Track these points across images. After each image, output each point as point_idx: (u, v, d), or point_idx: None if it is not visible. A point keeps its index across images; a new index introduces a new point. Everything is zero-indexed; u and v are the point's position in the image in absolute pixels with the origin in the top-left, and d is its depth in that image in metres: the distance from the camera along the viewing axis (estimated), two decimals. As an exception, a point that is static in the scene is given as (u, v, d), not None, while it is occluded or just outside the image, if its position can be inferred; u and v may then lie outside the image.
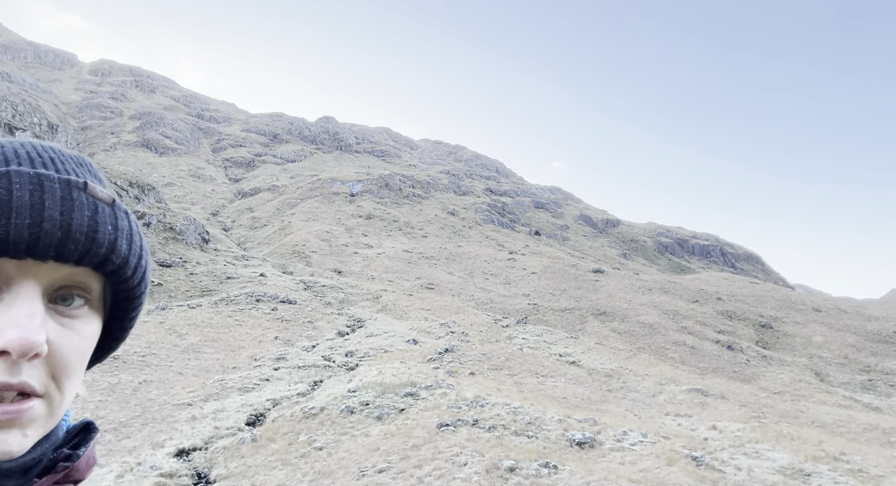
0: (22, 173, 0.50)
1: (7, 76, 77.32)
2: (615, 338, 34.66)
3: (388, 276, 43.80)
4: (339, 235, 54.00)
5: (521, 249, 61.50)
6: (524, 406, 12.59)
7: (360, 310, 32.44)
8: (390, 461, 9.64)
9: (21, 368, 0.49)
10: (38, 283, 0.51)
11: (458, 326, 28.78)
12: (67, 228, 0.50)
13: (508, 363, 19.94)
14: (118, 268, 0.55)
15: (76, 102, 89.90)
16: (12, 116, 44.50)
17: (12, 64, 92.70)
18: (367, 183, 73.08)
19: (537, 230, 77.22)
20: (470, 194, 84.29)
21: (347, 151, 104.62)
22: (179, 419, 13.37)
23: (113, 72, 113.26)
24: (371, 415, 12.39)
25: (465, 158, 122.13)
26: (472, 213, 74.06)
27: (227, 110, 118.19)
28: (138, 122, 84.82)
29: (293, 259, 45.43)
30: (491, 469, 8.62)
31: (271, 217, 61.08)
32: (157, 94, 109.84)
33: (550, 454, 9.59)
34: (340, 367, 19.34)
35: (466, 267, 50.52)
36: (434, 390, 14.07)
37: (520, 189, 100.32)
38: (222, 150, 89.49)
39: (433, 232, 62.84)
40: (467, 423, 11.19)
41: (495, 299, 41.39)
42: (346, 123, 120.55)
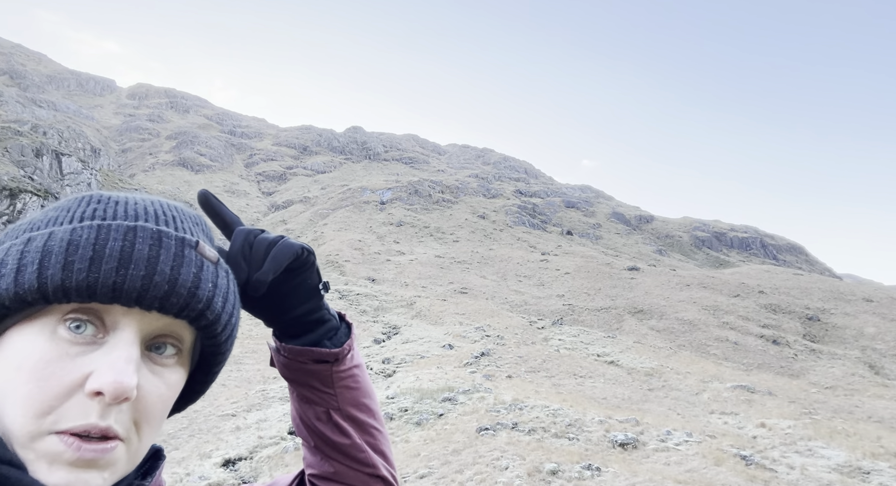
0: (146, 229, 0.54)
1: (53, 105, 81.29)
2: (654, 336, 33.91)
3: (421, 282, 44.02)
4: (371, 243, 54.61)
5: (554, 249, 60.92)
6: (563, 408, 12.45)
7: (394, 317, 32.68)
8: (431, 466, 9.66)
9: (111, 411, 0.51)
10: (139, 330, 0.54)
11: (493, 329, 28.68)
12: (174, 282, 0.54)
13: (546, 365, 19.75)
14: (211, 323, 0.58)
15: (116, 125, 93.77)
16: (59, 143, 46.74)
17: (57, 93, 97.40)
18: (397, 190, 73.73)
19: (569, 230, 76.37)
20: (499, 197, 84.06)
21: (376, 159, 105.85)
22: (224, 430, 13.72)
23: (149, 95, 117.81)
24: (410, 421, 12.45)
25: (493, 160, 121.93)
26: (502, 215, 73.81)
27: (258, 126, 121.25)
28: (174, 141, 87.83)
29: (327, 269, 46.15)
30: (533, 473, 8.54)
31: (304, 228, 62.25)
32: (191, 113, 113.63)
33: (592, 455, 9.45)
34: (378, 374, 19.51)
35: (499, 270, 50.33)
36: (472, 394, 14.06)
37: (550, 189, 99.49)
38: (255, 164, 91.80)
39: (464, 236, 62.89)
40: (507, 426, 11.13)
41: (529, 301, 41.08)
42: (373, 132, 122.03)
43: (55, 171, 40.21)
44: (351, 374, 0.76)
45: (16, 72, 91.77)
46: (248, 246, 0.66)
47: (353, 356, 0.76)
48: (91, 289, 0.50)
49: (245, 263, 0.65)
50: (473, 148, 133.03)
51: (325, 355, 0.72)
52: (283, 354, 0.73)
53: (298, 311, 0.71)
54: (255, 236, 0.67)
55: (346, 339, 0.76)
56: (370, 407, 0.79)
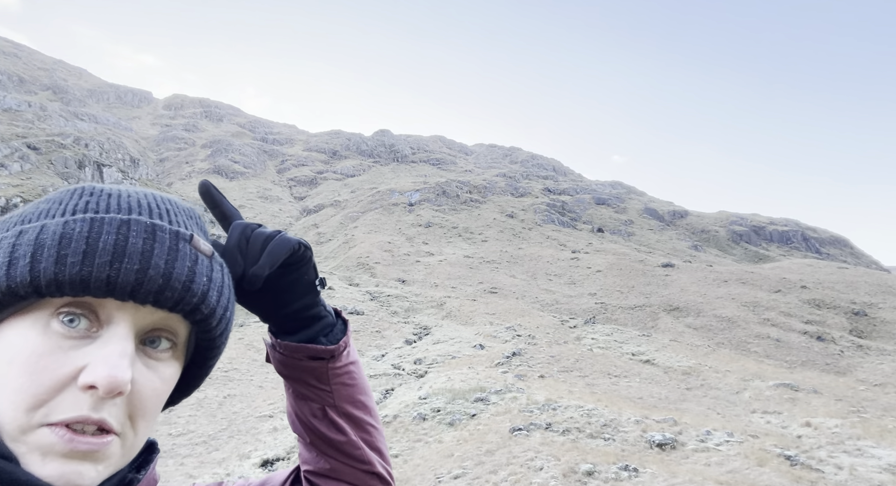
0: (140, 222, 0.54)
1: (94, 118, 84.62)
2: (691, 334, 33.11)
3: (450, 282, 44.08)
4: (400, 244, 54.98)
5: (584, 247, 60.14)
6: (598, 408, 12.28)
7: (425, 317, 32.81)
8: (465, 466, 9.66)
9: (104, 404, 0.51)
10: (133, 324, 0.54)
11: (524, 329, 28.49)
12: (169, 276, 0.53)
13: (579, 365, 19.51)
14: (206, 317, 0.57)
15: (154, 136, 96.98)
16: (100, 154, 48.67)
17: (97, 106, 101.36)
18: (425, 192, 74.02)
19: (600, 227, 75.25)
20: (528, 195, 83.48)
21: (404, 161, 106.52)
22: (262, 431, 14.02)
23: (184, 105, 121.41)
24: (443, 421, 12.48)
25: (520, 159, 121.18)
26: (531, 214, 73.28)
27: (289, 132, 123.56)
28: (209, 150, 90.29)
29: (358, 271, 46.67)
30: (568, 473, 8.45)
31: (335, 232, 63.11)
32: (225, 122, 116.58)
33: (629, 456, 9.29)
34: (410, 374, 19.61)
35: (529, 269, 49.98)
36: (504, 394, 14.00)
37: (579, 186, 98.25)
38: (286, 170, 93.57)
39: (493, 236, 62.68)
40: (540, 427, 11.04)
41: (560, 300, 40.66)
42: (400, 134, 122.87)
43: (97, 181, 41.80)
44: (347, 371, 0.76)
45: (58, 87, 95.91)
46: (244, 240, 0.65)
47: (349, 353, 0.76)
48: (84, 283, 0.50)
49: (241, 257, 0.65)
50: (500, 147, 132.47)
51: (321, 352, 0.72)
52: (279, 350, 0.72)
53: (294, 307, 0.71)
54: (253, 230, 0.66)
55: (342, 336, 0.76)
56: (366, 404, 0.79)
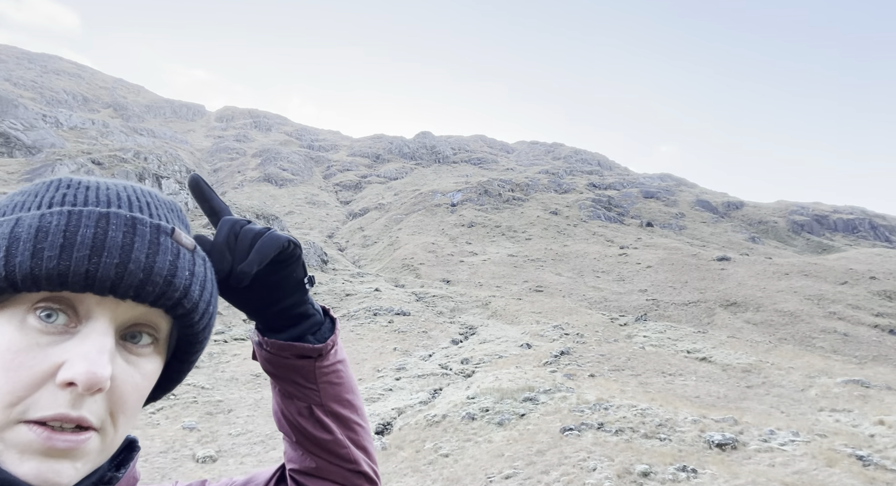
0: (120, 216, 0.53)
1: (152, 132, 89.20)
2: (750, 330, 31.68)
3: (495, 281, 43.88)
4: (444, 245, 55.19)
5: (633, 242, 58.57)
6: (652, 407, 11.92)
7: (470, 317, 32.79)
8: (516, 466, 9.59)
9: (83, 401, 0.49)
10: (113, 319, 0.53)
11: (571, 327, 28.03)
12: (150, 270, 0.52)
13: (630, 363, 19.01)
14: (188, 312, 0.56)
15: (207, 147, 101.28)
16: (158, 167, 51.20)
17: (155, 121, 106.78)
18: (467, 192, 74.01)
19: (649, 222, 73.10)
20: (572, 192, 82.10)
21: (445, 162, 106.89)
22: (316, 429, 14.37)
23: (235, 117, 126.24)
24: (492, 421, 12.42)
25: (563, 155, 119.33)
26: (575, 210, 72.02)
27: (334, 138, 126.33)
28: (259, 159, 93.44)
29: (403, 272, 47.17)
30: (622, 474, 8.24)
31: (380, 234, 64.01)
32: (273, 131, 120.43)
33: (687, 456, 8.97)
34: (457, 374, 19.64)
35: (575, 266, 49.13)
36: (553, 394, 13.81)
37: (626, 180, 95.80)
38: (332, 176, 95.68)
39: (537, 234, 61.99)
40: (592, 427, 10.82)
41: (609, 298, 39.75)
42: (441, 135, 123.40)
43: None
44: (334, 369, 0.75)
45: (119, 104, 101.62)
46: (233, 236, 0.64)
47: (336, 352, 0.75)
48: (62, 277, 0.49)
49: (230, 253, 0.63)
50: (542, 144, 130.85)
51: (308, 351, 0.71)
52: (266, 348, 0.71)
53: (282, 304, 0.70)
54: (242, 227, 0.65)
55: (329, 334, 0.74)
56: (353, 403, 0.79)
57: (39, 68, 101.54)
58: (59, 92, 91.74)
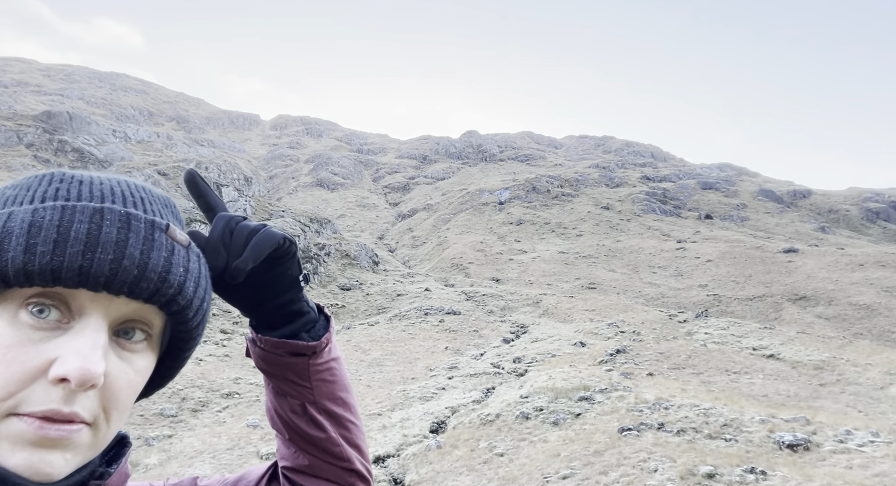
0: (114, 211, 0.53)
1: (212, 143, 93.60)
2: (822, 325, 29.84)
3: (545, 279, 43.31)
4: (492, 244, 54.97)
5: (691, 236, 56.36)
6: (716, 407, 11.43)
7: (521, 316, 32.50)
8: (573, 467, 9.42)
9: (76, 397, 0.49)
10: (106, 315, 0.52)
11: (627, 325, 27.28)
12: (144, 267, 0.52)
13: (691, 361, 18.30)
14: (182, 308, 0.56)
15: (263, 155, 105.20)
16: (218, 175, 53.70)
17: (214, 132, 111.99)
18: (514, 189, 73.41)
19: (708, 214, 70.11)
20: (624, 185, 79.90)
21: (492, 160, 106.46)
22: (373, 428, 14.64)
23: (288, 124, 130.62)
24: (546, 421, 12.27)
25: (614, 148, 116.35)
26: (628, 204, 70.03)
27: (382, 141, 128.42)
28: (311, 164, 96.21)
29: (453, 272, 47.32)
30: (686, 476, 7.95)
31: (429, 234, 64.50)
32: (324, 137, 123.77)
33: (755, 458, 8.54)
34: (510, 373, 19.52)
35: (629, 262, 47.79)
36: (609, 393, 13.48)
37: (682, 172, 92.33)
38: (381, 178, 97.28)
39: (588, 230, 60.71)
40: (651, 427, 10.50)
41: (667, 294, 38.42)
42: (487, 134, 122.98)
43: (217, 201, 46.16)
44: (328, 367, 0.75)
45: (181, 117, 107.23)
46: (228, 233, 0.64)
47: (330, 350, 0.75)
48: (56, 273, 0.48)
49: (225, 249, 0.63)
50: (592, 137, 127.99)
51: (302, 348, 0.71)
52: (260, 345, 0.71)
53: (277, 302, 0.70)
54: (237, 223, 0.65)
55: (324, 332, 0.74)
56: (346, 401, 0.78)
57: (109, 86, 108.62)
58: (127, 108, 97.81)
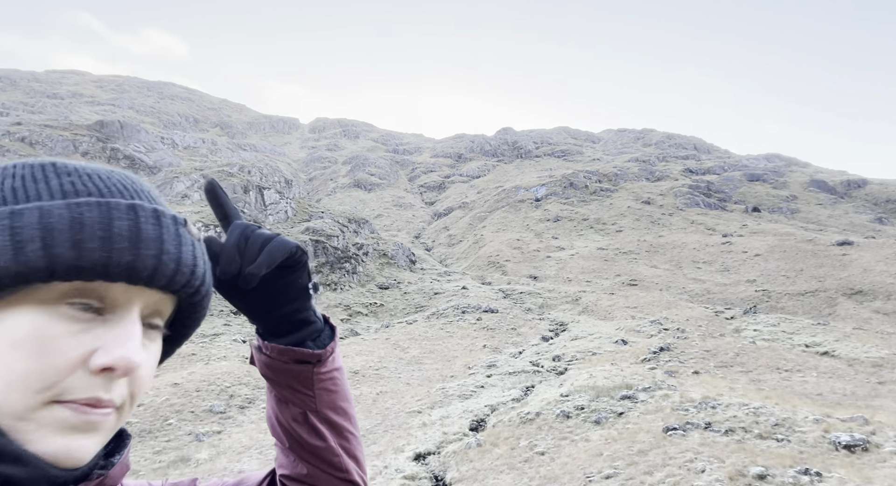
0: (146, 208, 0.55)
1: (253, 147, 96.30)
2: (880, 320, 28.28)
3: (584, 276, 42.63)
4: (529, 241, 54.49)
5: (738, 230, 54.39)
6: (766, 406, 11.01)
7: (560, 313, 32.11)
8: (616, 466, 9.26)
9: (114, 385, 0.53)
10: (139, 307, 0.55)
11: (671, 322, 26.57)
12: (178, 261, 0.55)
13: (740, 359, 17.68)
14: (203, 298, 0.61)
15: (302, 158, 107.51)
16: (260, 179, 55.21)
17: (255, 136, 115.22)
18: (551, 185, 72.53)
19: (755, 206, 67.50)
20: (666, 179, 77.80)
21: (527, 157, 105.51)
22: (413, 426, 14.77)
23: (326, 127, 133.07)
24: (588, 419, 12.09)
25: (654, 141, 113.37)
26: (670, 198, 68.14)
27: (417, 141, 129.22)
28: (349, 166, 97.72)
29: (489, 270, 47.16)
30: (735, 476, 7.69)
31: (465, 233, 64.48)
32: (361, 138, 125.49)
33: (809, 459, 8.18)
34: (549, 371, 19.33)
35: (672, 258, 46.51)
36: (653, 391, 13.17)
37: (726, 163, 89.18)
38: (416, 178, 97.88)
39: (628, 225, 59.39)
40: (698, 426, 10.20)
41: (712, 290, 37.21)
42: (523, 130, 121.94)
43: (259, 203, 47.50)
44: (331, 376, 0.76)
45: (224, 123, 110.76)
46: (244, 239, 0.67)
47: (334, 359, 0.77)
48: (105, 268, 0.51)
49: (240, 255, 0.66)
50: (631, 131, 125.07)
51: (308, 356, 0.73)
52: (266, 352, 0.73)
53: (285, 310, 0.72)
54: (253, 231, 0.68)
55: (329, 341, 0.76)
56: (347, 411, 0.80)
57: (157, 95, 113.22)
58: (174, 115, 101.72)
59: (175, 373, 19.31)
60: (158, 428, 15.17)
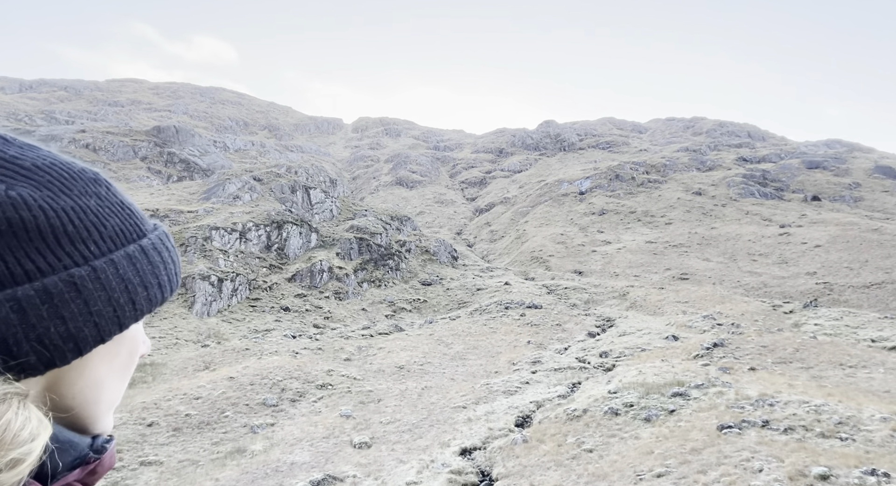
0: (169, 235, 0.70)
1: (300, 148, 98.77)
2: (960, 316, 26.27)
3: (632, 271, 41.57)
4: (573, 235, 53.58)
5: (796, 220, 51.76)
6: (829, 404, 10.46)
7: (607, 309, 31.46)
8: (668, 465, 9.02)
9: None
10: None
11: (724, 317, 25.59)
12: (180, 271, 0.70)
13: (800, 355, 16.85)
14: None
15: (346, 157, 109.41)
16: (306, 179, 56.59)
17: (301, 138, 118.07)
18: (596, 178, 71.00)
19: (815, 195, 64.00)
20: (717, 168, 74.81)
21: (571, 150, 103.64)
22: (458, 421, 14.82)
23: (368, 126, 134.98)
24: (637, 417, 11.82)
25: (705, 129, 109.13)
26: (723, 189, 65.48)
27: (457, 137, 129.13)
28: (391, 164, 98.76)
29: (533, 265, 46.68)
30: (795, 476, 7.36)
31: (507, 228, 64.03)
32: (402, 136, 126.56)
33: (876, 459, 7.73)
34: (596, 368, 18.99)
35: (725, 250, 44.73)
36: (706, 388, 12.74)
37: (783, 151, 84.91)
38: (457, 174, 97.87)
39: (677, 217, 57.48)
40: (755, 424, 9.80)
41: (769, 283, 35.58)
42: (566, 122, 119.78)
43: (306, 202, 48.70)
44: None
45: (272, 125, 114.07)
46: None
47: None
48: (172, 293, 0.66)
49: None
50: (680, 119, 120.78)
51: None
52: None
53: None
54: None
55: None
56: None
57: (209, 100, 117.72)
58: (225, 119, 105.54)
59: (230, 367, 20.10)
60: (216, 420, 15.83)
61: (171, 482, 12.15)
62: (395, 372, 20.92)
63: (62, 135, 62.44)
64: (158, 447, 14.04)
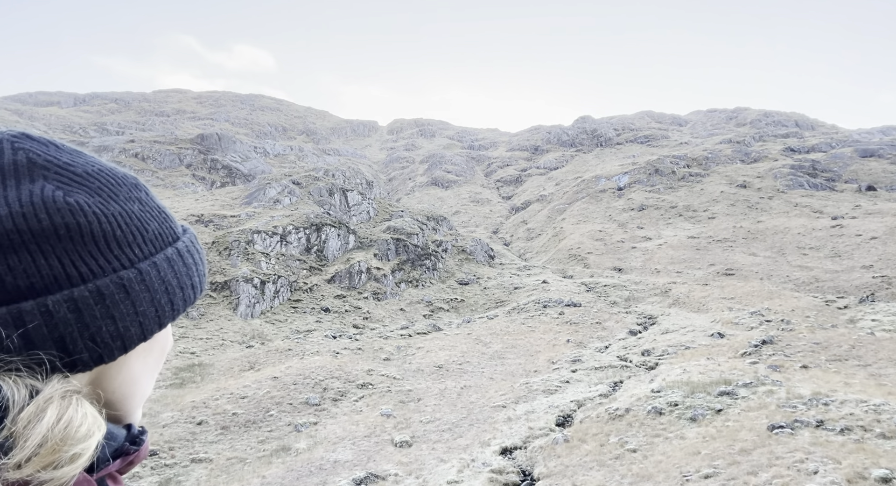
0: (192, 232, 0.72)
1: (337, 151, 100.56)
2: None
3: (674, 267, 40.47)
4: (612, 232, 52.56)
5: (850, 211, 49.29)
6: (890, 403, 9.93)
7: (648, 306, 30.74)
8: (716, 466, 8.75)
9: None
10: None
11: (773, 313, 24.62)
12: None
13: (856, 352, 16.04)
14: None
15: (382, 159, 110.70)
16: (343, 181, 57.52)
17: (338, 141, 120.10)
18: (634, 173, 69.45)
19: (870, 185, 60.74)
20: (763, 160, 72.00)
21: (608, 145, 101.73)
22: (498, 420, 14.78)
23: (403, 128, 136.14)
24: (683, 416, 11.51)
25: (749, 120, 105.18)
26: (769, 180, 62.96)
27: (492, 136, 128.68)
28: (426, 164, 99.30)
29: (570, 263, 46.05)
30: (854, 479, 7.02)
31: (544, 226, 63.37)
32: (437, 137, 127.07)
33: (945, 467, 7.29)
34: (638, 366, 18.59)
35: (773, 244, 43.00)
36: (755, 387, 12.30)
37: (834, 140, 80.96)
38: (493, 172, 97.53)
39: (721, 211, 55.62)
40: (808, 424, 9.41)
41: (821, 277, 34.01)
42: (602, 118, 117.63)
43: (343, 204, 49.49)
44: None
45: (310, 130, 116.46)
46: None
47: None
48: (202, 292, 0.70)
49: None
50: (722, 111, 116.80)
51: None
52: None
53: None
54: None
55: None
56: None
57: (249, 107, 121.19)
58: (265, 125, 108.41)
59: (274, 367, 20.64)
60: (261, 419, 16.29)
61: (220, 478, 12.58)
62: (434, 372, 21.03)
63: (113, 145, 65.54)
64: (208, 445, 14.56)
